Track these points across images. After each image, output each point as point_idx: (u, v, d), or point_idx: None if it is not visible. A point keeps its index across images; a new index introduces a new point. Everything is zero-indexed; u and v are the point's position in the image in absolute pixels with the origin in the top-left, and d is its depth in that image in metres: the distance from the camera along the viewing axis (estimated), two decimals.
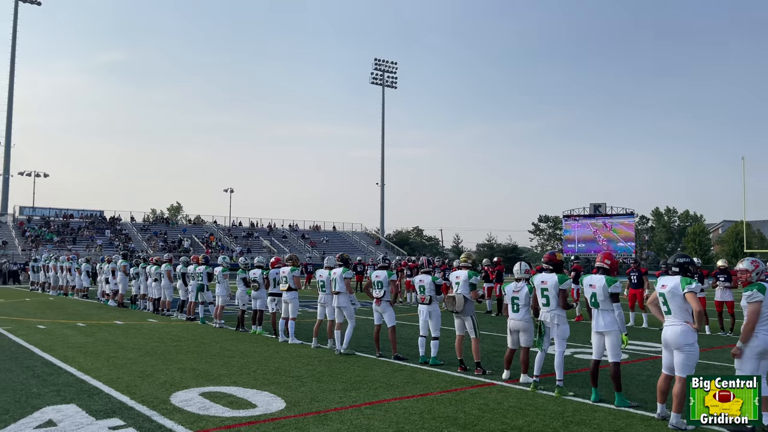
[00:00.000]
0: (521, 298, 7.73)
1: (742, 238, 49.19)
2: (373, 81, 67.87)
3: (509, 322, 7.89)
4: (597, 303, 6.66)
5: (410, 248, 66.46)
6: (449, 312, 8.65)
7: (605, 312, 6.63)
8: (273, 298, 11.93)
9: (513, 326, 7.83)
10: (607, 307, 6.62)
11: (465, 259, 9.22)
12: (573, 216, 59.14)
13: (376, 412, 6.16)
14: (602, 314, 6.64)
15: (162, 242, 49.49)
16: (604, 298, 6.61)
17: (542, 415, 6.12)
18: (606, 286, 6.61)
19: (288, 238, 58.41)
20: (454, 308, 8.45)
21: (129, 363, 8.95)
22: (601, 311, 6.65)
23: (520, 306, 7.74)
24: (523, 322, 7.72)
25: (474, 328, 8.44)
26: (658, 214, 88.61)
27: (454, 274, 8.85)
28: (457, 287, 8.60)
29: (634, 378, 7.98)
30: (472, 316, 8.50)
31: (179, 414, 6.08)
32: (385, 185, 67.53)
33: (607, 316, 6.62)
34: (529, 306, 7.68)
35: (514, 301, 7.80)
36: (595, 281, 6.74)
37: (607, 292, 6.59)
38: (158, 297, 16.64)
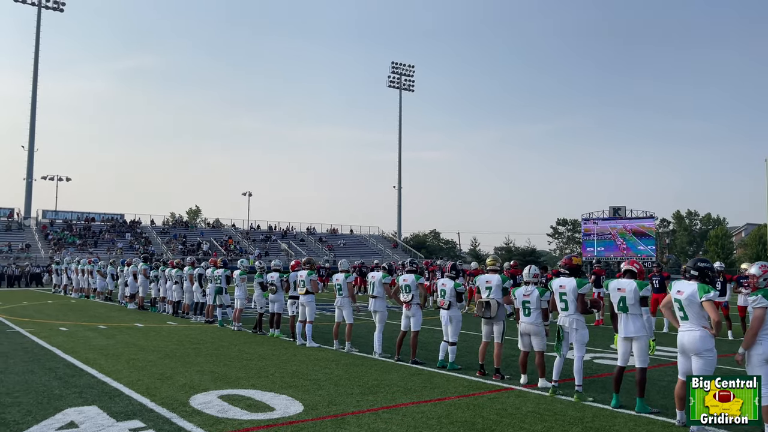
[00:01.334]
0: (532, 302, 7.68)
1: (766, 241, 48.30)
2: (390, 84, 67.94)
3: (520, 325, 7.84)
4: (626, 307, 6.55)
5: (427, 251, 66.38)
6: (481, 317, 8.49)
7: (634, 317, 6.51)
8: (293, 301, 11.99)
9: (524, 330, 7.78)
10: (637, 311, 6.51)
11: (492, 263, 9.11)
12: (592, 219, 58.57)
13: (393, 417, 6.16)
14: (631, 319, 6.52)
15: (181, 245, 49.96)
16: (634, 302, 6.50)
17: (561, 421, 6.06)
18: (637, 289, 6.48)
19: (305, 242, 58.63)
20: (489, 314, 8.34)
21: (149, 365, 9.04)
22: (630, 315, 6.53)
23: (532, 310, 7.68)
24: (534, 326, 7.66)
25: (502, 333, 8.38)
26: (679, 217, 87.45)
27: (483, 278, 8.69)
28: (488, 292, 8.49)
29: (655, 384, 7.87)
30: (503, 321, 8.45)
31: (198, 416, 6.13)
32: (402, 188, 67.51)
33: (636, 321, 6.50)
34: (540, 309, 7.62)
35: (525, 304, 7.75)
36: (624, 285, 6.61)
37: (638, 296, 6.47)
38: (178, 300, 16.80)
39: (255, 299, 13.31)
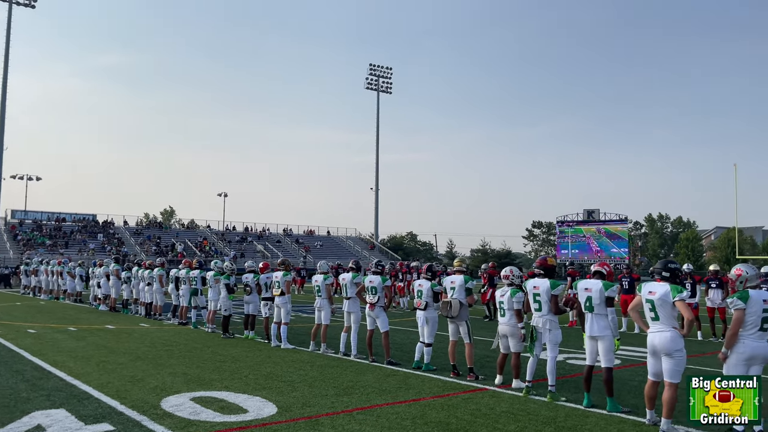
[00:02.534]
0: (505, 303, 7.75)
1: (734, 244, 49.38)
2: (367, 86, 67.94)
3: (499, 327, 7.90)
4: (592, 307, 6.67)
5: (404, 253, 66.49)
6: (444, 317, 8.62)
7: (600, 316, 6.63)
8: (266, 303, 11.91)
9: (502, 331, 7.84)
10: (602, 311, 6.63)
11: (459, 264, 9.31)
12: (567, 222, 59.28)
13: (368, 418, 6.14)
14: (596, 318, 6.64)
15: (155, 246, 49.27)
16: (600, 302, 6.62)
17: (534, 421, 6.11)
18: (603, 289, 6.61)
19: (282, 243, 58.27)
20: (450, 313, 8.42)
21: (120, 368, 8.89)
22: (595, 316, 6.65)
23: (506, 310, 7.75)
24: (509, 326, 7.72)
25: (468, 333, 8.43)
26: (651, 221, 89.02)
27: (448, 279, 8.81)
28: (452, 292, 8.57)
29: (626, 383, 7.98)
30: (466, 321, 8.49)
31: (169, 419, 6.04)
32: (379, 190, 67.49)
33: (601, 320, 6.62)
34: (514, 310, 7.68)
35: (500, 305, 7.84)
36: (591, 285, 6.74)
37: (603, 296, 6.59)
38: (150, 301, 16.56)
39: (221, 301, 13.14)
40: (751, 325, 5.49)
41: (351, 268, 10.43)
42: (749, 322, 5.49)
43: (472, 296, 8.59)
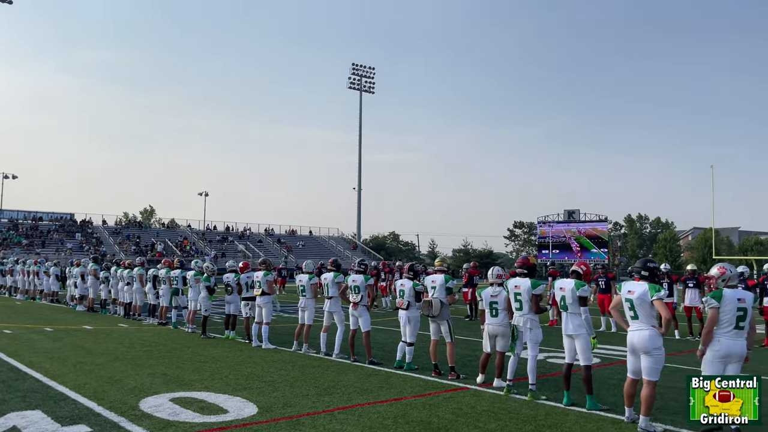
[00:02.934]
0: (500, 303, 7.72)
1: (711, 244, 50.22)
2: (350, 86, 67.88)
3: (487, 326, 7.85)
4: (566, 306, 6.74)
5: (387, 253, 66.52)
6: (425, 316, 8.63)
7: (573, 315, 6.70)
8: (246, 303, 11.84)
9: (492, 331, 7.81)
10: (576, 310, 6.70)
11: (440, 264, 9.33)
12: (547, 222, 59.75)
13: (349, 417, 6.13)
14: (571, 317, 6.71)
15: (134, 246, 48.71)
16: (573, 302, 6.69)
17: (515, 419, 6.14)
18: (575, 289, 6.69)
19: (263, 243, 57.96)
20: (431, 312, 8.42)
21: (97, 368, 8.76)
22: (570, 314, 6.72)
23: (499, 310, 7.74)
24: (501, 327, 7.72)
25: (449, 333, 8.44)
26: (630, 221, 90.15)
27: (429, 279, 8.81)
28: (433, 291, 8.58)
29: (605, 382, 8.06)
30: (448, 320, 8.50)
31: (148, 420, 5.96)
32: (362, 190, 67.48)
33: (575, 319, 6.69)
34: (507, 310, 7.70)
35: (493, 305, 7.77)
36: (565, 284, 6.82)
37: (575, 296, 6.67)
38: (129, 301, 16.35)
39: (201, 302, 13.01)
40: (727, 324, 5.58)
41: (332, 268, 10.39)
42: (724, 320, 5.58)
43: (453, 295, 8.62)
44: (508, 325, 7.66)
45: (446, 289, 8.53)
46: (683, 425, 5.99)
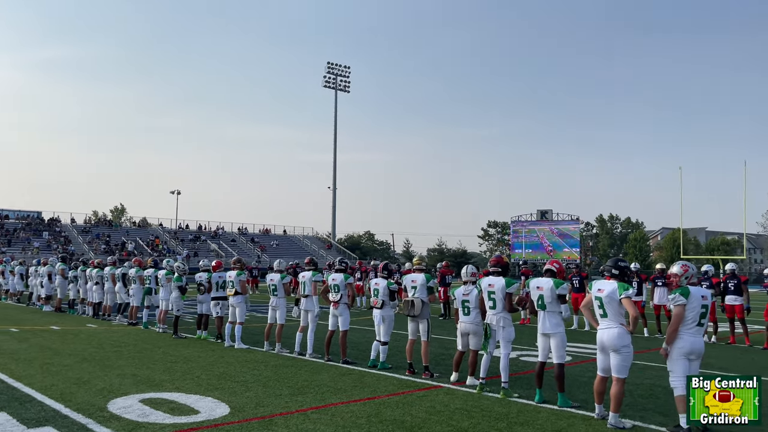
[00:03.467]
0: (471, 301, 7.78)
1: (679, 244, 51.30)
2: (325, 84, 67.66)
3: (460, 325, 7.90)
4: (544, 305, 6.78)
5: (361, 253, 66.47)
6: (405, 315, 8.59)
7: (552, 314, 6.76)
8: (217, 302, 11.71)
9: (464, 329, 7.86)
10: (554, 309, 6.76)
11: (418, 262, 9.26)
12: (521, 222, 60.39)
13: (322, 417, 6.10)
14: (549, 316, 6.76)
15: (104, 245, 47.83)
16: (552, 300, 6.75)
17: (488, 417, 6.18)
18: (554, 288, 6.74)
19: (237, 242, 57.42)
20: (412, 312, 8.41)
21: (65, 369, 8.57)
22: (548, 313, 6.77)
23: (471, 309, 7.78)
24: (473, 325, 7.76)
25: (427, 332, 8.46)
26: (601, 221, 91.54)
27: (409, 278, 8.74)
28: (413, 291, 8.56)
29: (576, 379, 8.17)
30: (428, 319, 8.53)
31: (117, 422, 5.85)
32: (336, 189, 67.30)
33: (553, 318, 6.75)
34: (479, 308, 7.74)
35: (465, 304, 7.82)
36: (542, 283, 6.86)
37: (554, 294, 6.73)
38: (98, 301, 16.05)
39: (172, 302, 12.85)
40: (691, 321, 5.70)
41: (310, 266, 10.33)
42: (689, 317, 5.70)
43: (434, 294, 8.61)
44: (480, 323, 7.71)
45: (427, 289, 8.53)
46: (652, 421, 6.11)
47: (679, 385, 5.62)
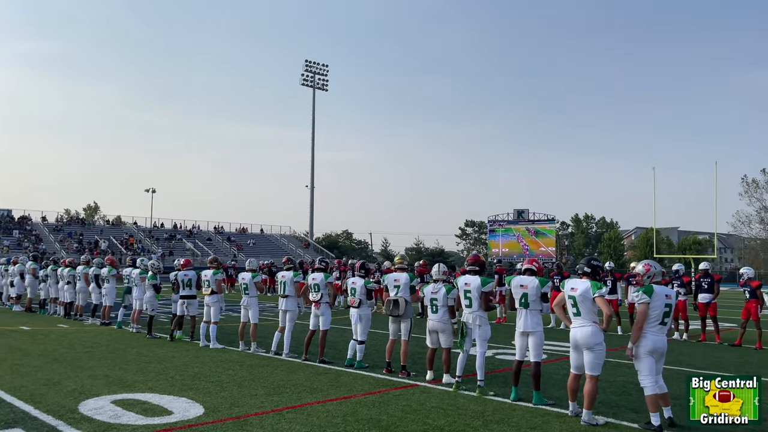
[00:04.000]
0: (439, 299, 7.81)
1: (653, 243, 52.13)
2: (303, 83, 67.32)
3: (428, 322, 7.95)
4: (527, 303, 6.81)
5: (339, 252, 66.28)
6: (389, 315, 8.55)
7: (534, 312, 6.80)
8: (183, 301, 11.58)
9: (432, 327, 7.90)
10: (537, 307, 6.80)
11: (400, 261, 9.24)
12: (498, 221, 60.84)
13: (298, 416, 6.07)
14: (531, 314, 6.80)
15: (77, 243, 46.99)
16: (536, 299, 6.78)
17: (463, 415, 6.21)
18: (539, 286, 6.78)
19: (213, 241, 56.86)
20: (397, 312, 8.39)
21: (34, 370, 8.40)
22: (530, 311, 6.80)
23: (439, 307, 7.81)
24: (441, 323, 7.79)
25: (409, 331, 8.47)
26: (577, 221, 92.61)
27: (391, 277, 8.70)
28: (396, 290, 8.53)
29: (551, 377, 8.25)
30: (411, 319, 8.53)
31: (88, 423, 5.75)
32: (314, 188, 67.05)
33: (535, 316, 6.80)
34: (447, 307, 7.78)
35: (433, 302, 7.85)
36: (527, 282, 6.88)
37: (539, 293, 6.77)
38: (70, 301, 15.75)
39: (146, 301, 12.67)
40: (654, 320, 5.80)
41: (290, 266, 10.23)
42: (652, 316, 5.79)
43: (416, 294, 8.61)
44: (449, 321, 7.76)
45: (410, 288, 8.54)
46: (624, 418, 6.20)
47: (649, 384, 5.72)
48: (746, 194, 64.02)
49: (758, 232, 65.09)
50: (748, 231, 65.59)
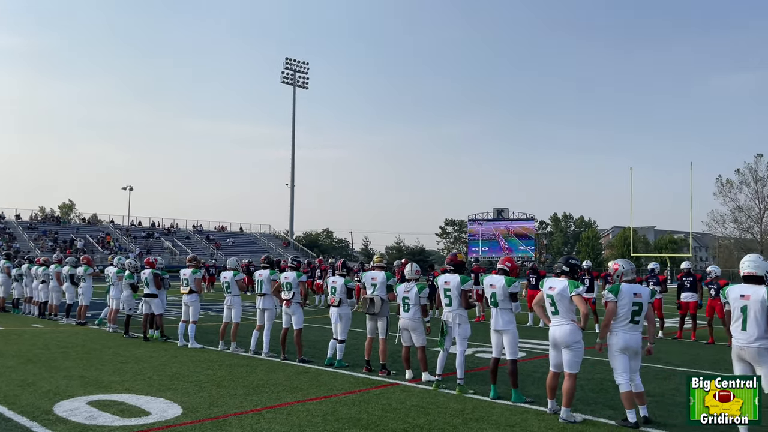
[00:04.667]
0: (411, 298, 7.84)
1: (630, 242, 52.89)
2: (283, 80, 66.96)
3: (400, 321, 7.99)
4: (496, 302, 6.88)
5: (320, 250, 66.11)
6: (365, 313, 8.57)
7: (504, 311, 6.86)
8: (147, 300, 11.45)
9: (403, 325, 7.94)
10: (506, 306, 6.86)
11: (379, 260, 9.24)
12: (477, 220, 61.18)
13: (277, 416, 6.03)
14: (501, 313, 6.87)
15: (52, 242, 46.19)
16: (504, 298, 6.85)
17: (443, 413, 6.23)
18: (506, 286, 6.84)
19: (191, 240, 56.30)
20: (373, 310, 8.40)
21: (8, 371, 8.24)
22: (500, 310, 6.87)
23: (411, 305, 7.84)
24: (413, 321, 7.83)
25: (386, 330, 8.48)
26: (555, 220, 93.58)
27: (369, 275, 8.72)
28: (373, 288, 8.55)
29: (530, 375, 8.32)
30: (387, 317, 8.54)
31: (63, 424, 5.66)
32: (295, 186, 66.75)
33: (505, 315, 6.86)
34: (419, 306, 7.81)
35: (405, 300, 7.89)
36: (495, 281, 6.96)
37: (506, 292, 6.83)
38: (45, 300, 15.48)
39: (123, 300, 12.50)
40: (623, 318, 5.89)
41: (266, 264, 10.20)
42: (621, 314, 5.89)
43: (393, 293, 8.62)
44: (420, 319, 7.80)
45: (387, 287, 8.55)
46: (601, 415, 6.27)
47: (623, 381, 5.82)
48: (721, 194, 65.35)
49: (732, 232, 66.43)
50: (723, 230, 66.91)
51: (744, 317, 5.11)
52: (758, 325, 5.03)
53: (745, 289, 5.19)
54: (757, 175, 63.49)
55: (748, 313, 5.09)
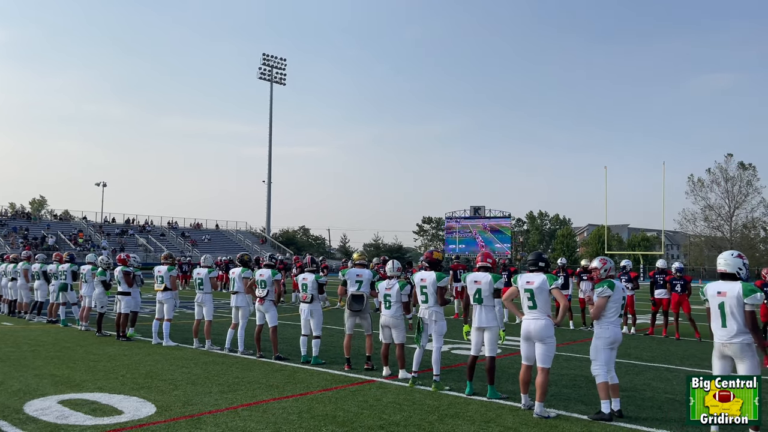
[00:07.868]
0: (393, 295, 7.88)
1: (604, 240, 53.72)
2: (260, 76, 66.49)
3: (381, 318, 8.03)
4: (481, 299, 6.91)
5: (297, 248, 65.87)
6: (350, 309, 8.59)
7: (488, 308, 6.90)
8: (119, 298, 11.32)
9: (384, 322, 7.99)
10: (491, 303, 6.91)
11: (360, 257, 9.22)
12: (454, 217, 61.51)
13: (253, 414, 6.01)
14: (485, 310, 6.90)
15: (22, 239, 45.24)
16: (489, 294, 6.89)
17: (419, 410, 6.27)
18: (492, 282, 6.89)
19: (166, 236, 55.63)
20: (360, 306, 8.41)
21: None
22: (484, 307, 6.90)
23: (392, 303, 7.89)
24: (394, 318, 7.88)
25: (371, 326, 8.54)
26: (531, 217, 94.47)
27: (353, 272, 8.68)
28: (358, 285, 8.54)
29: (505, 371, 8.40)
30: (369, 313, 8.58)
31: (33, 424, 5.56)
32: (272, 183, 66.35)
33: (489, 312, 6.90)
34: (401, 303, 7.85)
35: (387, 298, 7.93)
36: (480, 278, 6.96)
37: (492, 288, 6.88)
38: (14, 298, 15.16)
39: (96, 298, 12.29)
40: (614, 312, 6.05)
41: (240, 262, 10.13)
42: (612, 308, 6.04)
43: (375, 290, 8.63)
44: (401, 317, 7.86)
45: (371, 284, 8.57)
46: (574, 410, 6.37)
47: (601, 373, 5.95)
48: (692, 193, 66.78)
49: (703, 230, 67.89)
50: (693, 228, 68.36)
51: (723, 313, 5.23)
52: (736, 320, 5.16)
53: (722, 286, 5.31)
54: (727, 174, 65.05)
55: (726, 309, 5.21)
